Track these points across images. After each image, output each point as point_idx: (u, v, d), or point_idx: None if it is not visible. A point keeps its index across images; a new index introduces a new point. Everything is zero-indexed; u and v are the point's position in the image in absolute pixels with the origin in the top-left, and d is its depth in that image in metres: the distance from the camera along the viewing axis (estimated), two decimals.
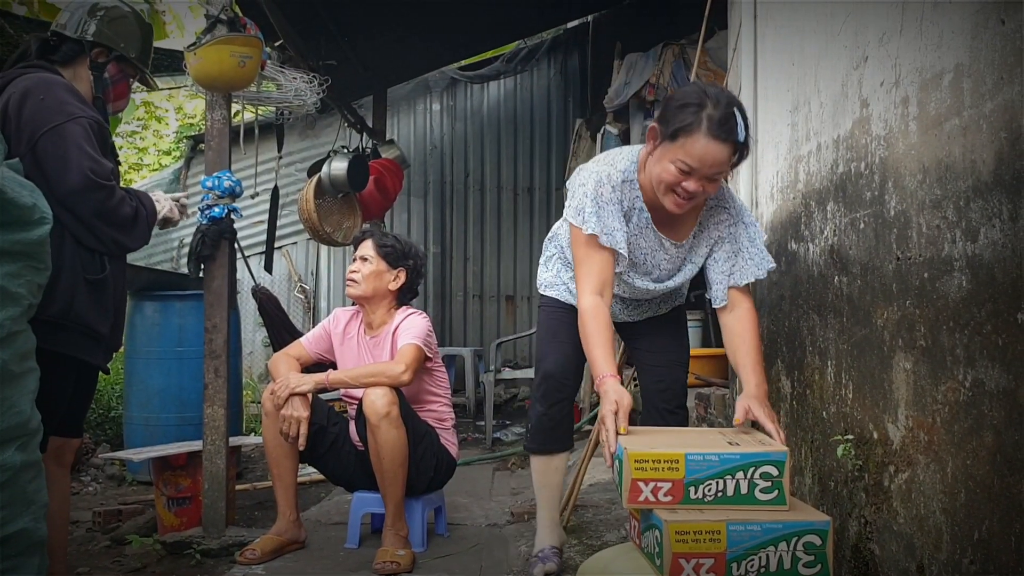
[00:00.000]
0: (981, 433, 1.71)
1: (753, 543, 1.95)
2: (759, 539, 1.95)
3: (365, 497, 3.59)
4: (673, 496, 2.03)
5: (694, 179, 2.38)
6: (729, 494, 2.04)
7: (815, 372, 2.68)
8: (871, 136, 2.26)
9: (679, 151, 2.37)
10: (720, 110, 2.33)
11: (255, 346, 8.49)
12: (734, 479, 2.04)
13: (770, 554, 1.95)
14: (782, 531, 1.96)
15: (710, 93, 2.37)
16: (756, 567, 1.95)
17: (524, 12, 7.20)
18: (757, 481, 2.04)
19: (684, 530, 1.95)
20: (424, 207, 9.11)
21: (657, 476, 2.03)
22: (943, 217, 1.86)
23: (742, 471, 2.04)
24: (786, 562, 1.95)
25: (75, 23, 2.90)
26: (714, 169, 2.36)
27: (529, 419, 3.08)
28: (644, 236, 2.65)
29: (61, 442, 2.74)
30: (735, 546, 1.95)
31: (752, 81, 3.52)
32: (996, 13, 1.66)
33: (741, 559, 1.95)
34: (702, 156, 2.34)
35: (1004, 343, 1.63)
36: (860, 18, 2.35)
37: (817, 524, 1.97)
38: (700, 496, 2.04)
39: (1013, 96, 1.60)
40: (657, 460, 2.04)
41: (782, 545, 1.95)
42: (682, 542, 1.95)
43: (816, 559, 1.96)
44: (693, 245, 2.70)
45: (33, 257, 2.15)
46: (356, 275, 3.60)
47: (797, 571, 1.95)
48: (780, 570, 1.95)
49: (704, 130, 2.32)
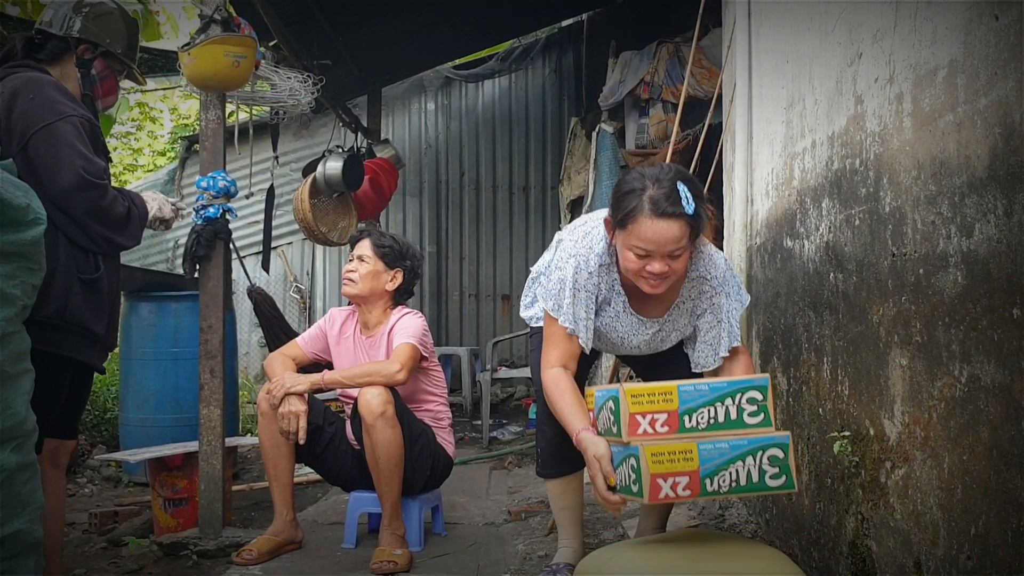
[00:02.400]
0: (977, 429, 1.71)
1: (723, 459, 2.10)
2: (728, 455, 2.10)
3: (362, 497, 3.59)
4: (670, 427, 2.16)
5: (656, 260, 2.39)
6: (720, 420, 2.18)
7: (811, 369, 2.68)
8: (866, 133, 2.26)
9: (631, 237, 2.39)
10: (662, 188, 2.35)
11: (251, 346, 8.48)
12: (724, 405, 2.19)
13: (739, 468, 2.11)
14: (747, 447, 2.12)
15: (649, 175, 2.39)
16: (728, 481, 2.10)
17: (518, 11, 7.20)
18: (744, 406, 2.19)
19: (659, 451, 2.08)
20: (419, 206, 9.11)
21: (653, 408, 2.16)
22: (938, 213, 1.86)
23: (730, 397, 2.20)
24: (754, 475, 2.11)
25: (60, 20, 2.89)
26: (670, 247, 2.36)
27: (538, 444, 2.99)
28: (620, 320, 2.68)
29: (56, 443, 2.73)
30: (707, 463, 2.09)
31: (747, 79, 3.53)
32: (990, 9, 1.66)
33: (713, 475, 2.09)
34: (652, 237, 2.35)
35: (1000, 338, 1.63)
36: (854, 15, 2.35)
37: (778, 439, 2.13)
38: (695, 424, 2.17)
39: (1007, 92, 1.60)
40: (652, 393, 2.17)
41: (749, 460, 2.11)
42: (658, 463, 2.07)
43: (780, 471, 2.12)
44: (675, 318, 2.68)
45: (27, 258, 2.14)
46: (353, 275, 3.60)
47: (764, 483, 2.12)
48: (749, 482, 2.11)
49: (647, 212, 2.35)
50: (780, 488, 2.14)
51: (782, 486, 2.13)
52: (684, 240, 2.37)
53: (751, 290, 3.45)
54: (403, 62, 7.75)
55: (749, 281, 3.46)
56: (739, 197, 3.56)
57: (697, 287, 2.63)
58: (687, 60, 5.34)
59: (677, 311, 2.66)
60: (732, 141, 3.67)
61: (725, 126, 3.89)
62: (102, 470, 5.51)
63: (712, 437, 2.14)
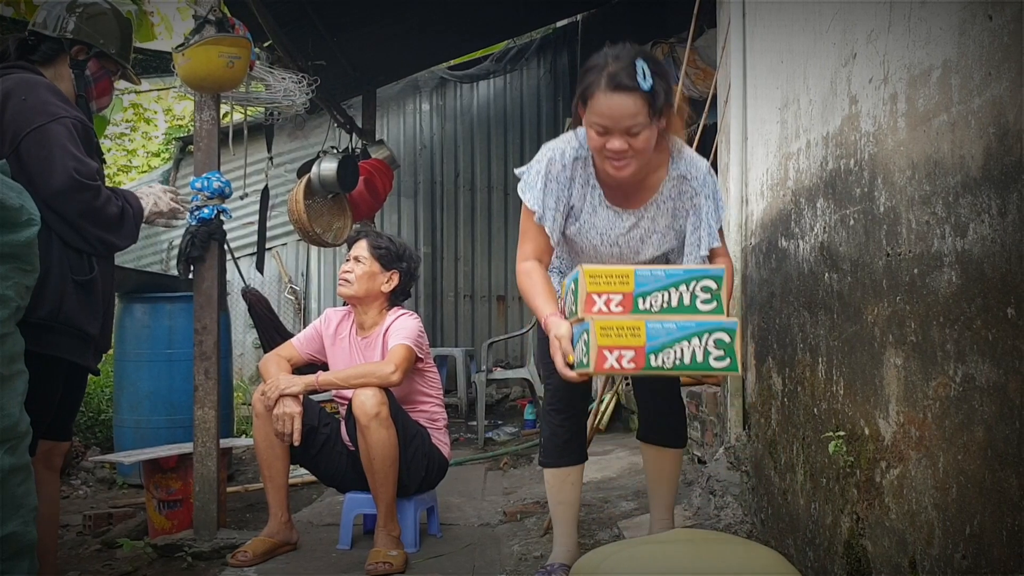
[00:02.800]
0: (972, 428, 1.72)
1: (669, 338, 2.18)
2: (675, 335, 2.19)
3: (357, 498, 3.58)
4: (624, 307, 2.25)
5: (615, 137, 2.42)
6: (673, 305, 2.25)
7: (806, 369, 2.68)
8: (860, 133, 2.26)
9: (591, 114, 2.42)
10: (620, 63, 2.37)
11: (245, 347, 8.47)
12: (678, 292, 2.25)
13: (684, 348, 2.18)
14: (695, 328, 2.19)
15: (611, 53, 2.43)
16: (672, 359, 2.19)
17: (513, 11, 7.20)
18: (698, 294, 2.25)
19: (608, 325, 2.17)
20: (414, 207, 9.10)
21: (610, 289, 2.26)
22: (932, 213, 1.86)
23: (685, 284, 2.26)
24: (699, 355, 2.19)
25: (53, 21, 2.88)
26: (626, 122, 2.38)
27: (541, 433, 3.05)
28: (598, 215, 2.69)
29: (50, 445, 2.72)
30: (653, 340, 2.18)
31: (741, 79, 3.53)
32: (983, 9, 1.67)
33: (659, 351, 2.18)
34: (608, 111, 2.38)
35: (994, 338, 1.63)
36: (848, 15, 2.35)
37: (726, 323, 2.21)
38: (648, 307, 2.25)
39: (1001, 92, 1.60)
40: (610, 275, 2.27)
41: (695, 340, 2.19)
42: (606, 336, 2.17)
43: (725, 354, 2.19)
44: (655, 215, 2.68)
45: (21, 259, 2.14)
46: (349, 275, 3.59)
47: (708, 363, 2.19)
48: (693, 362, 2.19)
49: (603, 86, 2.37)
50: (723, 370, 2.21)
51: (726, 368, 2.21)
52: (641, 116, 2.38)
53: (746, 291, 3.45)
54: (398, 63, 7.75)
55: (744, 282, 3.47)
56: (734, 197, 3.56)
57: (678, 186, 2.65)
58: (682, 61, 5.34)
59: (656, 208, 2.66)
60: (727, 141, 3.67)
61: (720, 126, 3.89)
62: (96, 472, 5.50)
63: (663, 319, 2.22)
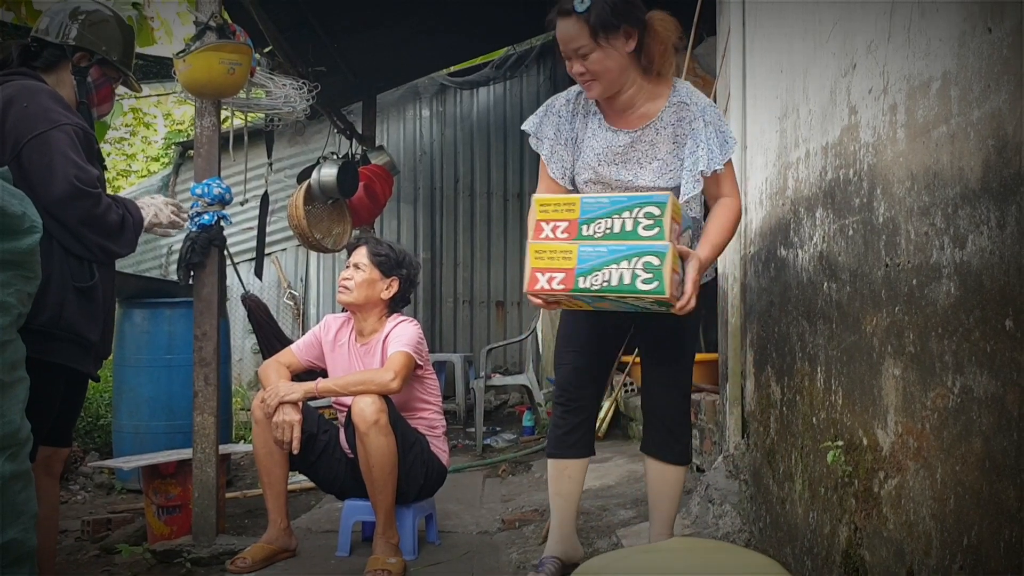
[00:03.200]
0: (970, 439, 1.72)
1: (599, 261, 2.30)
2: (604, 258, 2.30)
3: (356, 505, 3.58)
4: (569, 233, 2.37)
5: (574, 61, 2.60)
6: (616, 231, 2.34)
7: (805, 378, 2.69)
8: (860, 143, 2.27)
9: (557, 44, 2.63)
10: None
11: (244, 353, 8.47)
12: (621, 218, 2.35)
13: (613, 271, 2.29)
14: (625, 252, 2.29)
15: None
16: (600, 280, 2.29)
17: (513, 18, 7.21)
18: (641, 220, 2.33)
19: (542, 249, 2.38)
20: (414, 213, 9.12)
21: (557, 217, 2.40)
22: (931, 224, 1.87)
23: (628, 211, 2.35)
24: (626, 278, 2.28)
25: (56, 28, 2.89)
26: (574, 44, 2.56)
27: (549, 423, 3.10)
28: (597, 137, 2.77)
29: (50, 451, 2.72)
30: (584, 263, 2.32)
31: (741, 88, 3.54)
32: (983, 21, 1.67)
33: (588, 274, 2.31)
34: (561, 37, 2.59)
35: (992, 350, 1.63)
36: (848, 26, 2.36)
37: (655, 247, 2.29)
38: (591, 233, 2.36)
39: (1000, 104, 1.61)
40: (559, 204, 2.42)
41: (624, 264, 2.29)
42: (539, 259, 2.38)
43: (654, 276, 2.27)
44: (653, 140, 2.71)
45: (23, 266, 2.14)
46: (349, 282, 3.60)
47: (635, 285, 2.27)
48: (621, 284, 2.28)
49: (554, 15, 2.60)
50: (649, 292, 2.27)
51: (652, 290, 2.27)
52: (583, 38, 2.55)
53: (745, 299, 3.46)
54: (398, 69, 7.77)
55: (743, 290, 3.47)
56: None
57: (678, 112, 2.71)
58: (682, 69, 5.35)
59: (655, 133, 2.71)
60: None
61: None
62: (95, 477, 5.49)
63: (597, 243, 2.33)
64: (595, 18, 2.52)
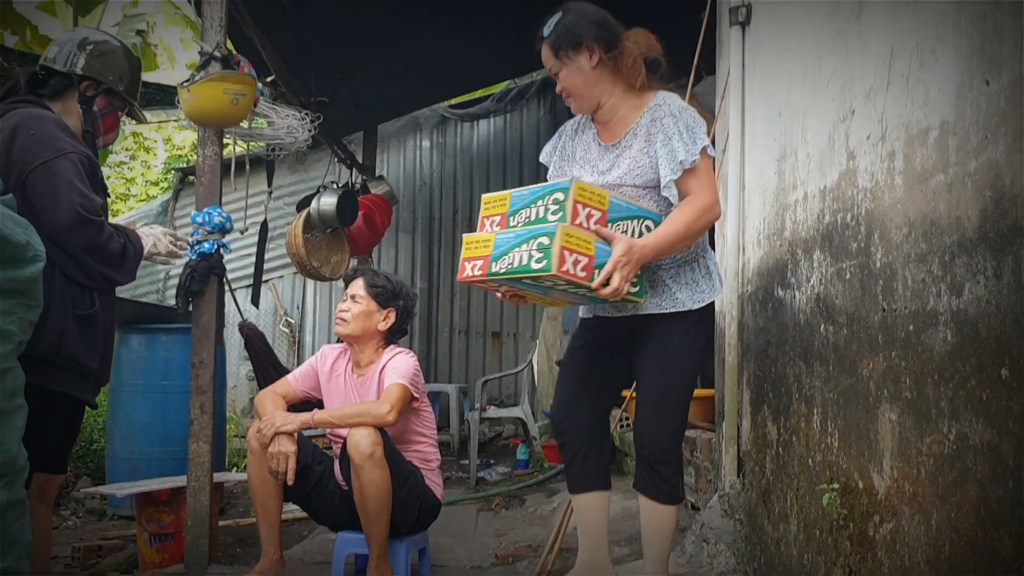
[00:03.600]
0: (965, 486, 1.73)
1: (507, 246, 2.52)
2: (511, 243, 2.51)
3: (349, 537, 3.57)
4: (501, 226, 2.63)
5: (557, 82, 2.82)
6: (532, 219, 2.56)
7: (801, 419, 2.70)
8: (857, 188, 2.29)
9: None
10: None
11: (239, 379, 8.45)
12: (536, 207, 2.57)
13: (515, 253, 2.49)
14: (525, 235, 2.48)
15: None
16: (506, 264, 2.51)
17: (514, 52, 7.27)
18: (550, 206, 2.53)
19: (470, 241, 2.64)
20: (412, 243, 9.14)
21: (493, 212, 2.69)
22: (928, 271, 1.89)
23: (541, 199, 2.56)
24: (523, 259, 2.46)
25: (64, 57, 2.92)
26: (548, 65, 2.81)
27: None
28: (590, 150, 2.91)
29: (45, 478, 2.72)
30: (497, 250, 2.54)
31: (739, 128, 3.58)
32: (981, 74, 1.70)
33: (498, 259, 2.53)
34: (543, 64, 2.82)
35: (988, 398, 1.65)
36: (847, 72, 2.39)
37: (546, 228, 2.46)
38: (516, 223, 2.60)
39: (997, 156, 1.63)
40: (495, 200, 2.70)
41: (524, 246, 2.48)
42: (468, 249, 2.64)
43: (544, 255, 2.42)
44: (631, 142, 2.81)
45: (25, 295, 2.15)
46: (346, 314, 3.61)
47: (529, 265, 2.45)
48: (520, 265, 2.47)
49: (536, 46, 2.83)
50: (539, 271, 2.42)
51: (541, 268, 2.42)
52: (552, 59, 2.78)
53: (743, 338, 3.47)
54: (399, 100, 7.83)
55: (741, 329, 3.49)
56: (731, 245, 3.59)
57: (652, 114, 2.79)
58: None
59: (632, 136, 2.81)
60: (724, 189, 3.71)
61: (717, 175, 3.93)
62: (86, 502, 5.46)
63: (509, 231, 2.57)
64: (555, 39, 2.75)
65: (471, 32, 6.41)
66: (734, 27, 3.60)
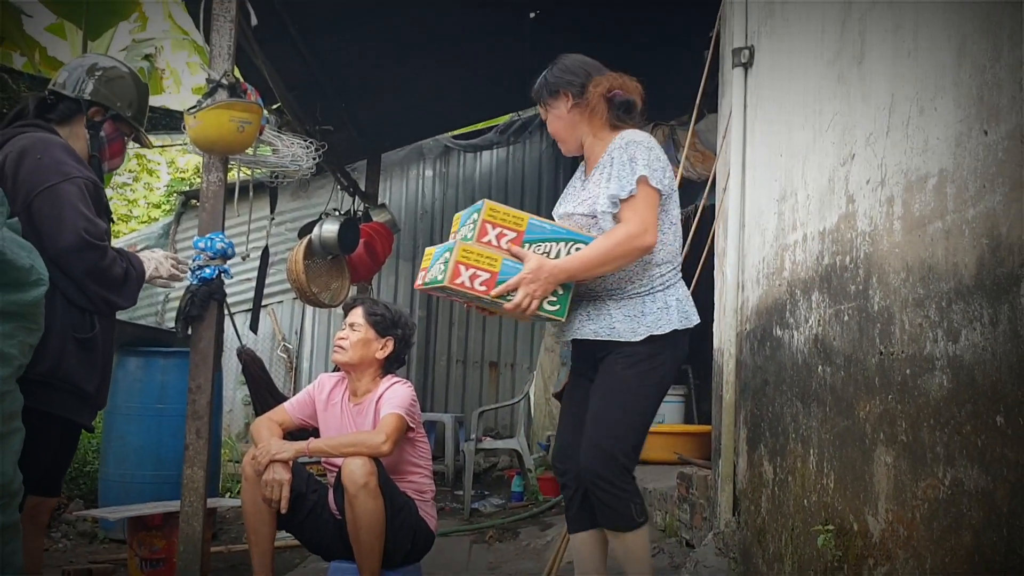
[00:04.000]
0: (960, 532, 1.73)
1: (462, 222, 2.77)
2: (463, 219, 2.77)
3: (341, 567, 3.55)
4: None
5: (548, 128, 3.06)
6: (462, 236, 2.73)
7: (797, 459, 2.70)
8: (856, 231, 2.31)
9: None
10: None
11: (235, 404, 8.43)
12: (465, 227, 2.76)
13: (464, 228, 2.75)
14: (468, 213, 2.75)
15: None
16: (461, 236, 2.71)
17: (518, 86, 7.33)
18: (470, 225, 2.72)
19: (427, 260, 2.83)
20: (412, 271, 9.14)
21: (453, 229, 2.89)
22: (925, 316, 1.90)
23: (469, 220, 2.75)
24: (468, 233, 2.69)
25: (73, 82, 2.96)
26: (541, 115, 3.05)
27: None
28: (574, 184, 3.11)
29: (38, 501, 2.71)
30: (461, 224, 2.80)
31: (740, 168, 3.60)
32: (979, 124, 1.72)
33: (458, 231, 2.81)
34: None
35: (983, 444, 1.65)
36: (848, 118, 2.42)
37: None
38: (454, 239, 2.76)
39: (995, 204, 1.65)
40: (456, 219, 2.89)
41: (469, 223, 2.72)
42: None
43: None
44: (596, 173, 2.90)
45: (27, 318, 2.16)
46: (344, 342, 3.62)
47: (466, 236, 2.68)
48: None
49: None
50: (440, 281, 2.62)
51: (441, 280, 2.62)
52: (540, 109, 3.02)
53: (740, 375, 3.48)
54: (403, 129, 7.87)
55: (738, 366, 3.49)
56: (730, 283, 3.60)
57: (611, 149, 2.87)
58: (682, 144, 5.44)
59: (598, 170, 2.89)
60: (724, 227, 3.73)
61: (718, 212, 3.96)
62: (77, 525, 5.43)
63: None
64: (538, 90, 2.98)
65: (475, 65, 6.47)
66: (737, 68, 3.64)
